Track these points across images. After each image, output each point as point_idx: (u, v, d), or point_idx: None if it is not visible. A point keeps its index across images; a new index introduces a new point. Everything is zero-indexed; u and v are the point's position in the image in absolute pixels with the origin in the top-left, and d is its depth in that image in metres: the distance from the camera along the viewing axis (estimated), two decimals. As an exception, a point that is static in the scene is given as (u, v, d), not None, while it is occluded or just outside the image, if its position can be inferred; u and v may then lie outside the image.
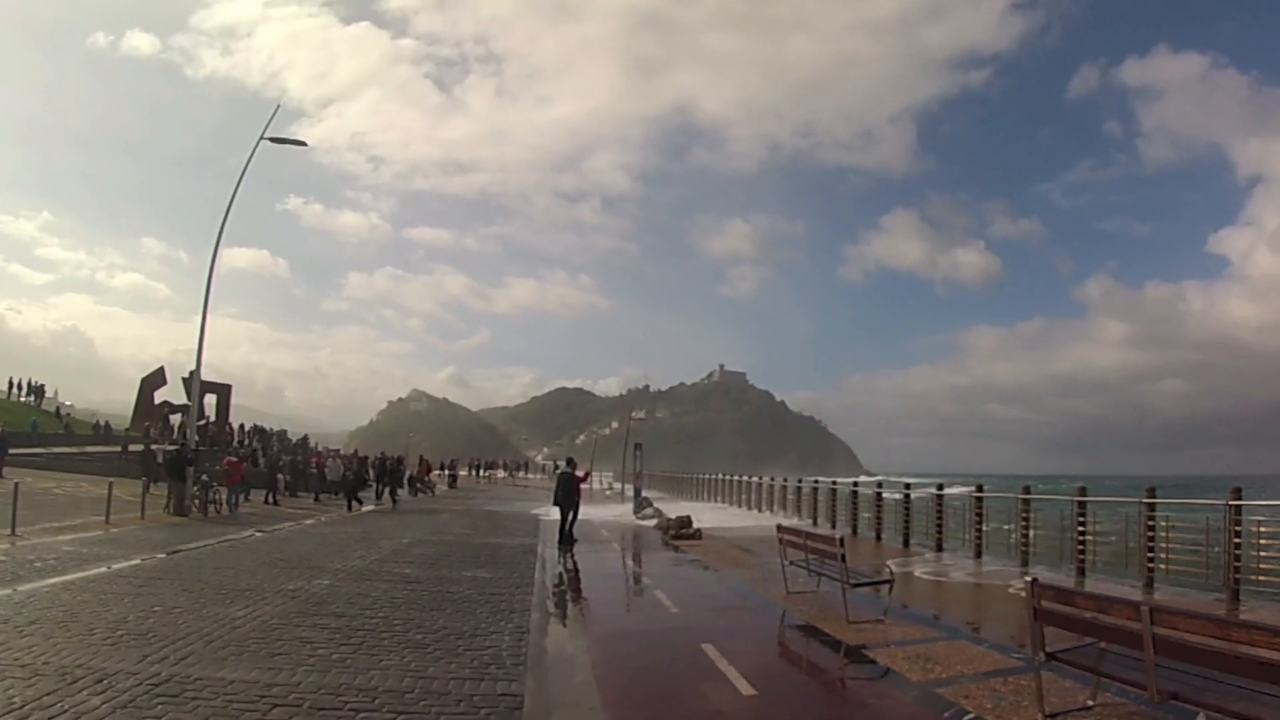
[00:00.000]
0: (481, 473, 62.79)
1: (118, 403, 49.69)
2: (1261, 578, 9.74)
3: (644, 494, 29.35)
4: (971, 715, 5.35)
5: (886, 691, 6.21)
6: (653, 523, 22.05)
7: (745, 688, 6.06)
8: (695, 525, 19.20)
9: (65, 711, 4.74)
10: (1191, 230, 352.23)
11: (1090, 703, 5.40)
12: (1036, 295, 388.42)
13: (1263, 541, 9.85)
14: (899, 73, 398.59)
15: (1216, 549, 10.11)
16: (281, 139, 21.97)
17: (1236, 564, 9.73)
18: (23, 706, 4.79)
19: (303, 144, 23.49)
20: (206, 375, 22.28)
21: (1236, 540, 9.74)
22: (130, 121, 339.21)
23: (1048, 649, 5.26)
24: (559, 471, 18.21)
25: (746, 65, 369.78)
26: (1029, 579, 5.42)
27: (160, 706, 4.94)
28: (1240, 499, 9.93)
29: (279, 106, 23.62)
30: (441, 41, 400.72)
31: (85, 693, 5.10)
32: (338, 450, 39.95)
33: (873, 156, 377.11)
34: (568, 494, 16.13)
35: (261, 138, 21.02)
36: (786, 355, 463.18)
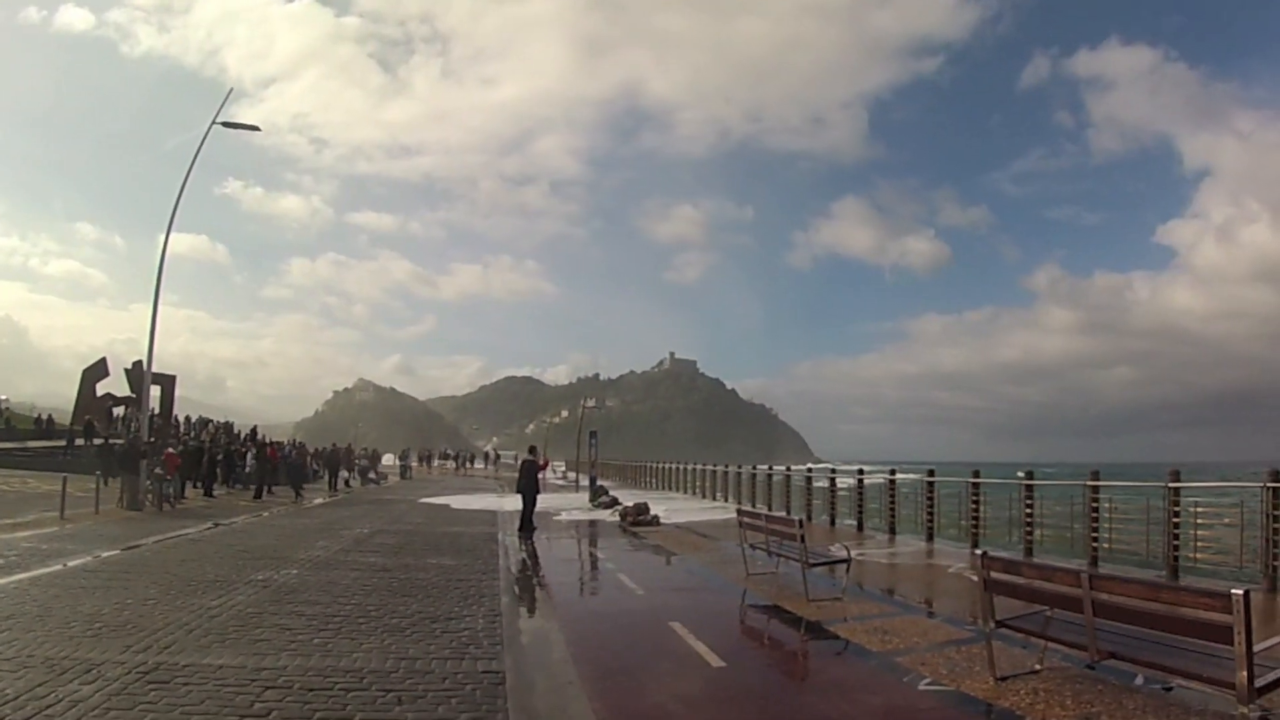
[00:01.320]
0: (432, 464, 62.31)
1: (55, 395, 48.04)
2: (1199, 555, 10.27)
3: (599, 483, 29.52)
4: (928, 680, 5.75)
5: (848, 661, 6.62)
6: (610, 511, 22.29)
7: (715, 660, 6.39)
8: (652, 513, 19.51)
9: (60, 701, 4.79)
10: (1139, 221, 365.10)
11: (1038, 666, 5.86)
12: (985, 283, 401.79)
13: (1200, 522, 10.41)
14: (850, 58, 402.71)
15: (1157, 530, 10.61)
16: (234, 124, 21.40)
17: (1176, 543, 10.27)
18: (16, 698, 4.82)
19: (256, 129, 22.79)
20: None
21: (1175, 520, 10.30)
22: (63, 101, 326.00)
23: (997, 617, 5.70)
24: (522, 460, 18.38)
25: (696, 47, 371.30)
26: (979, 552, 5.84)
27: (154, 693, 5.02)
28: (1179, 481, 10.50)
29: (232, 90, 23.08)
30: (385, 20, 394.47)
31: (75, 682, 5.15)
32: (281, 442, 39.16)
33: (823, 142, 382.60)
34: (530, 481, 16.35)
35: (214, 122, 20.45)
36: (735, 342, 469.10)
